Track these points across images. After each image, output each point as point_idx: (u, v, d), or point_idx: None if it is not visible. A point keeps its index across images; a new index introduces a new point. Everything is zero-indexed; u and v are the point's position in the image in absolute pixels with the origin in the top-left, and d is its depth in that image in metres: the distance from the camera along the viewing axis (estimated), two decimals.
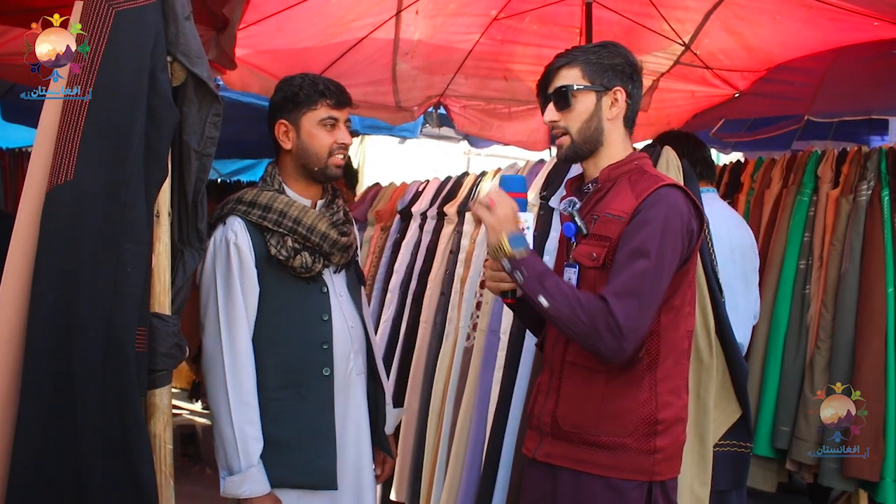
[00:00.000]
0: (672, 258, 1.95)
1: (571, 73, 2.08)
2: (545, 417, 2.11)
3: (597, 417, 2.01)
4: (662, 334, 2.01)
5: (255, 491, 2.20)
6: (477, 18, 4.20)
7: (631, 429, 1.99)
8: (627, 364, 1.98)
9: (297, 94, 2.33)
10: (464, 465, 3.11)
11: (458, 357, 3.30)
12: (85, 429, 1.67)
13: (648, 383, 2.00)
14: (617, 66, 2.08)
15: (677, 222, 1.96)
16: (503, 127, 5.07)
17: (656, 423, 1.99)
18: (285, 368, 2.31)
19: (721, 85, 4.62)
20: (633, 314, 1.89)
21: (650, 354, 2.00)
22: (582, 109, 2.07)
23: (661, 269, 1.93)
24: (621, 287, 1.92)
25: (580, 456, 2.03)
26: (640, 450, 1.99)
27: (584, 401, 2.04)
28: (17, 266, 1.72)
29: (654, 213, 1.95)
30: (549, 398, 2.12)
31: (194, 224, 1.97)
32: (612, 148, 2.10)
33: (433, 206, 3.81)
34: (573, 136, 2.09)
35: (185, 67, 1.87)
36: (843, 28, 3.78)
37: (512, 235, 1.99)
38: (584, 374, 2.04)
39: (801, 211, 3.67)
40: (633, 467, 1.99)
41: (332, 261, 2.38)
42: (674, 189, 2.00)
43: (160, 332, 1.83)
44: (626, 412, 1.99)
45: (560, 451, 2.07)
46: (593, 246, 2.03)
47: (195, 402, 6.47)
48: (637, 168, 2.08)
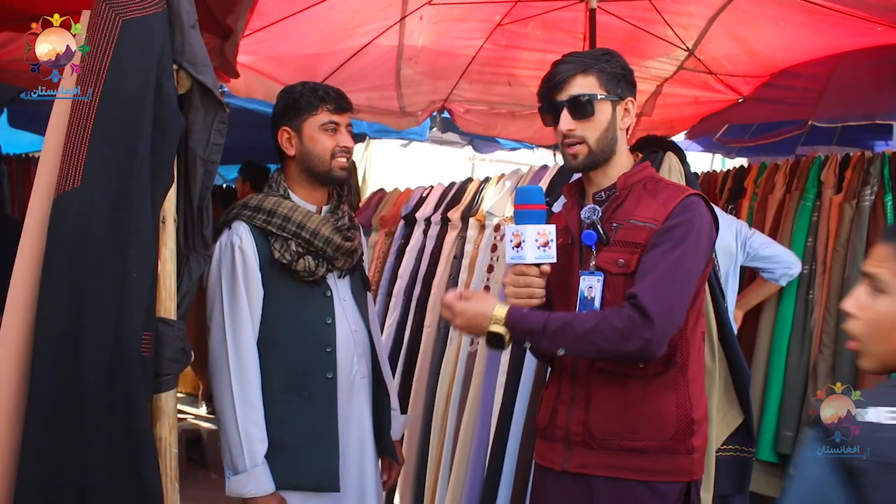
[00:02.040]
0: (700, 261, 1.99)
1: (588, 82, 2.05)
2: (575, 427, 2.06)
3: (637, 422, 2.00)
4: (689, 336, 2.03)
5: (260, 490, 2.23)
6: (481, 24, 4.21)
7: (672, 431, 1.99)
8: (663, 367, 1.99)
9: (297, 101, 2.37)
10: (467, 470, 3.11)
11: (462, 362, 3.31)
12: (91, 432, 1.68)
13: (682, 385, 2.02)
14: (627, 76, 2.09)
15: (705, 229, 1.99)
16: (508, 125, 5.08)
17: (692, 423, 2.01)
18: (288, 371, 2.33)
19: (724, 90, 4.62)
20: (664, 302, 1.90)
21: (682, 356, 2.02)
22: (602, 119, 2.05)
23: (691, 265, 1.96)
24: (652, 280, 1.93)
25: (620, 463, 2.01)
26: (681, 451, 2.00)
27: (621, 407, 2.01)
28: (25, 271, 1.74)
29: (684, 218, 1.97)
30: (575, 407, 2.07)
31: (200, 230, 1.98)
32: (621, 156, 2.11)
33: (437, 211, 3.82)
34: (591, 146, 2.06)
35: (190, 75, 1.88)
36: (847, 33, 3.78)
37: (494, 323, 1.98)
38: (617, 380, 2.02)
39: (804, 216, 3.66)
40: (675, 469, 2.00)
41: (336, 265, 2.40)
42: (699, 198, 2.03)
43: (166, 337, 1.84)
44: (667, 415, 2.00)
45: (595, 461, 2.03)
46: (620, 253, 2.01)
47: (200, 407, 6.48)
48: (649, 177, 2.10)
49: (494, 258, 3.17)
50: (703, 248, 1.99)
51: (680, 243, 1.94)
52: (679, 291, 1.94)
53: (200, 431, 5.86)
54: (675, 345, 2.00)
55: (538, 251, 1.99)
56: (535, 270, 2.03)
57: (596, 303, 2.02)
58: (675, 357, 2.01)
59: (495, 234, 3.22)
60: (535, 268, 2.03)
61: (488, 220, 3.30)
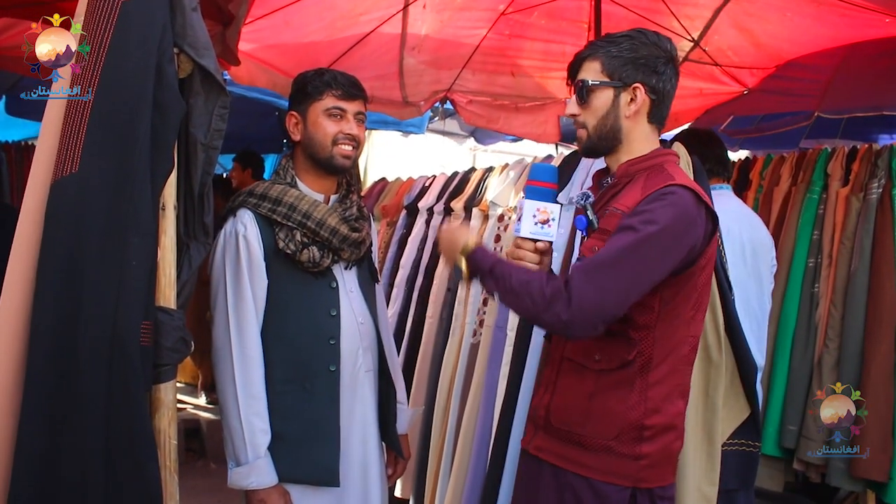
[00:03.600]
0: (662, 254, 1.87)
1: (592, 67, 2.02)
2: (540, 410, 2.10)
3: (584, 417, 1.99)
4: (658, 337, 1.96)
5: (262, 483, 2.21)
6: (484, 13, 4.17)
7: (616, 432, 1.95)
8: (618, 365, 1.96)
9: (305, 86, 2.36)
10: (469, 461, 3.09)
11: (465, 353, 3.29)
12: (89, 423, 1.65)
13: (639, 387, 1.96)
14: (640, 60, 1.99)
15: (680, 222, 1.88)
16: (511, 119, 5.04)
17: (643, 429, 1.95)
18: (291, 363, 2.30)
19: (730, 82, 4.58)
20: (591, 288, 1.84)
21: (643, 357, 1.95)
22: (598, 105, 2.01)
23: (646, 256, 1.86)
24: (592, 263, 1.88)
25: (566, 453, 2.01)
26: (625, 454, 1.95)
27: (574, 398, 2.02)
28: (22, 259, 1.70)
29: (652, 206, 1.88)
30: (546, 392, 2.11)
31: (200, 217, 1.95)
32: (633, 145, 2.04)
33: (440, 201, 3.80)
34: (589, 132, 2.04)
35: (191, 59, 1.85)
36: (854, 24, 3.74)
37: (461, 253, 2.05)
38: (577, 370, 2.02)
39: (810, 209, 3.64)
40: (616, 471, 1.96)
41: (343, 256, 2.37)
42: (684, 189, 1.91)
43: (165, 327, 1.81)
44: (613, 414, 1.96)
45: (548, 446, 2.06)
46: (597, 240, 1.99)
47: (199, 397, 6.47)
48: (657, 165, 2.01)
49: (498, 248, 3.14)
50: (670, 242, 1.87)
51: (635, 230, 1.86)
52: (617, 281, 1.85)
53: (200, 421, 5.85)
54: (636, 344, 1.95)
55: (534, 227, 2.04)
56: (529, 245, 2.07)
57: None
58: (631, 356, 1.95)
59: (499, 224, 3.20)
60: (531, 243, 2.06)
61: (492, 209, 3.27)
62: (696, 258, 1.95)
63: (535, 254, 2.06)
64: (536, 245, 2.06)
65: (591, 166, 3.00)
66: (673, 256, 1.89)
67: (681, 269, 1.93)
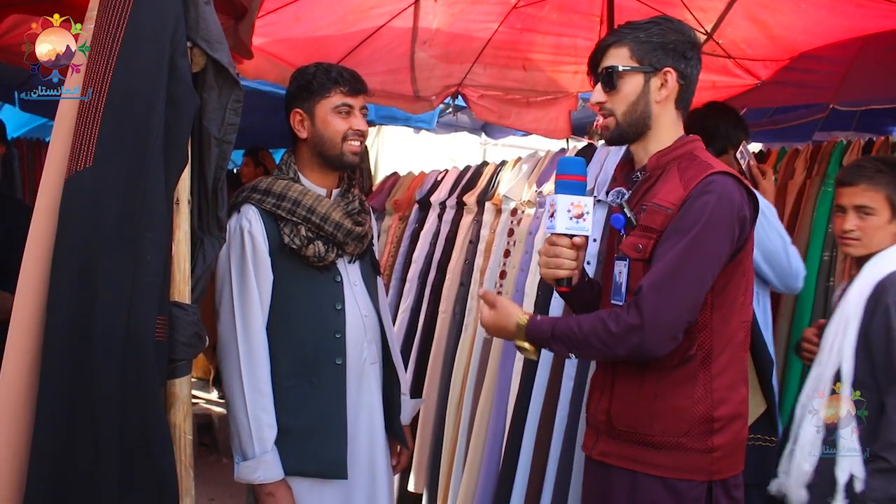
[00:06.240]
0: (718, 247, 1.88)
1: (620, 53, 2.01)
2: (600, 415, 2.07)
3: (650, 417, 1.96)
4: (716, 328, 1.95)
5: (269, 477, 2.22)
6: (496, 7, 4.16)
7: (686, 428, 1.94)
8: (679, 361, 1.94)
9: (310, 83, 2.34)
10: (482, 456, 3.09)
11: (478, 348, 3.28)
12: (104, 419, 1.65)
13: (703, 380, 1.94)
14: (668, 45, 1.99)
15: (725, 211, 1.88)
16: (522, 114, 5.01)
17: (713, 421, 1.94)
18: (297, 357, 2.31)
19: (743, 75, 4.54)
20: (661, 304, 1.84)
21: (703, 350, 1.94)
22: (629, 91, 2.00)
23: (703, 254, 1.87)
24: (653, 278, 1.87)
25: (636, 455, 1.99)
26: (697, 449, 1.94)
27: (637, 400, 1.99)
28: (36, 254, 1.70)
29: (701, 201, 1.88)
30: (603, 396, 2.08)
31: (214, 212, 1.94)
32: (661, 132, 2.02)
33: (452, 195, 3.78)
34: (618, 119, 2.02)
35: (205, 53, 1.84)
36: (870, 15, 3.70)
37: (518, 337, 2.03)
38: (636, 372, 1.99)
39: (825, 202, 3.60)
40: (690, 467, 1.94)
41: (347, 250, 2.38)
42: (724, 176, 1.91)
43: (180, 321, 1.80)
44: (681, 411, 1.94)
45: (615, 450, 2.03)
46: (639, 237, 1.97)
47: (211, 392, 6.48)
48: (688, 153, 2.00)
49: (511, 243, 3.13)
50: (722, 233, 1.88)
51: (689, 232, 1.86)
52: (683, 288, 1.86)
53: (212, 416, 5.87)
54: (695, 338, 1.94)
55: (570, 222, 2.00)
56: (565, 241, 2.03)
57: (623, 288, 2.00)
58: (692, 351, 1.94)
59: (511, 218, 3.18)
60: (567, 238, 2.03)
61: (505, 204, 3.26)
62: (744, 243, 1.95)
63: (573, 249, 2.04)
64: (573, 240, 2.03)
65: (604, 159, 2.98)
66: (727, 246, 1.90)
67: (731, 255, 1.93)
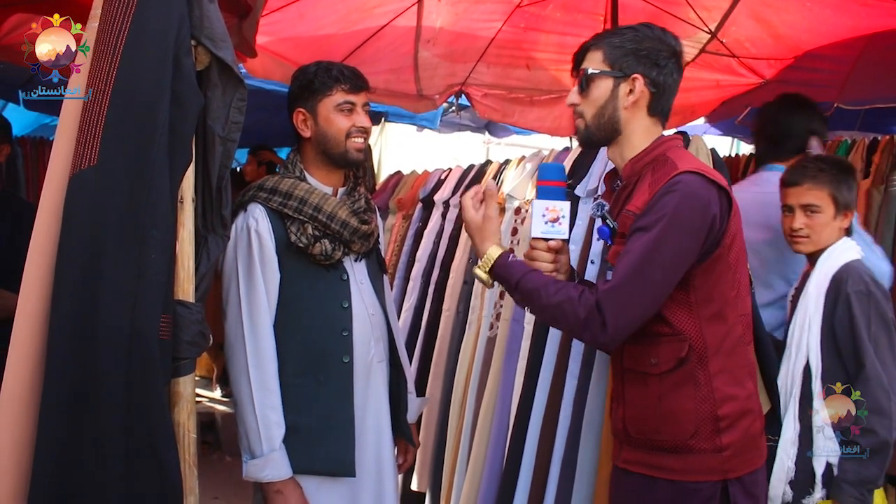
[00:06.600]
0: (680, 246, 1.87)
1: (595, 56, 2.03)
2: (618, 424, 2.10)
3: (658, 421, 1.98)
4: (705, 327, 1.95)
5: (277, 475, 2.22)
6: (500, 6, 4.16)
7: (693, 430, 1.94)
8: (674, 364, 1.95)
9: (312, 82, 2.34)
10: (486, 455, 3.08)
11: (482, 347, 3.27)
12: (108, 417, 1.65)
13: (703, 380, 1.95)
14: (641, 51, 1.99)
15: (688, 210, 1.87)
16: (525, 112, 5.02)
17: (718, 420, 1.94)
18: (304, 355, 2.31)
19: (747, 74, 4.54)
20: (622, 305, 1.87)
21: (696, 351, 1.95)
22: (598, 95, 2.01)
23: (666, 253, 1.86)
24: (615, 279, 1.89)
25: (651, 461, 2.01)
26: (707, 450, 1.94)
27: (644, 402, 2.01)
28: (40, 253, 1.70)
29: (663, 201, 1.87)
30: (619, 404, 2.10)
31: (218, 210, 1.95)
32: (633, 137, 2.03)
33: (456, 194, 3.77)
34: (587, 122, 2.04)
35: (209, 51, 1.84)
36: (875, 14, 3.69)
37: (485, 262, 2.06)
38: (640, 378, 2.02)
39: None
40: (702, 468, 1.95)
41: (353, 248, 2.38)
42: (692, 175, 1.89)
43: (184, 320, 1.80)
44: (685, 413, 1.95)
45: (634, 457, 2.06)
46: (621, 245, 1.98)
47: (214, 390, 6.48)
48: (660, 156, 1.99)
49: (515, 241, 3.12)
50: (685, 232, 1.86)
51: (649, 231, 1.86)
52: (645, 288, 1.88)
53: (215, 414, 5.88)
54: (684, 341, 1.94)
55: (545, 226, 2.06)
56: (542, 244, 2.08)
57: None
58: (683, 354, 1.94)
59: (515, 216, 3.18)
60: (544, 242, 2.07)
61: (508, 202, 3.25)
62: (720, 239, 1.93)
63: (549, 252, 2.07)
64: (549, 244, 2.07)
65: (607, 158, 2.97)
66: (693, 245, 1.89)
67: (705, 253, 1.92)
